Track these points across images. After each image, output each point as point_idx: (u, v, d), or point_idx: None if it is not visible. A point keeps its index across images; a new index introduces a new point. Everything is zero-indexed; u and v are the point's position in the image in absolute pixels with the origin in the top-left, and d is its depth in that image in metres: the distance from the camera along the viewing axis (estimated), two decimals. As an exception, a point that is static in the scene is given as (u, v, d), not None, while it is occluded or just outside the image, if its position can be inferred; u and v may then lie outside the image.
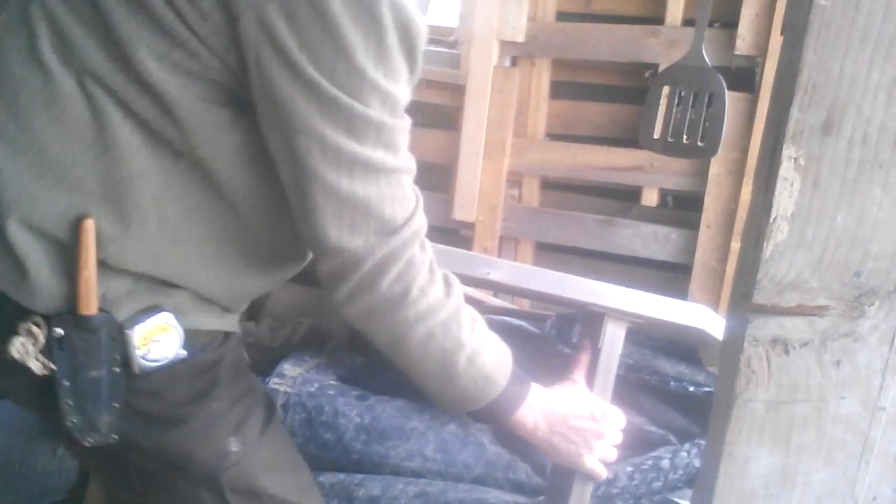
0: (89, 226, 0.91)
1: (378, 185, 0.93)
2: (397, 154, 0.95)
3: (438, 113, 2.98)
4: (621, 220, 2.80)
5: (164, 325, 0.97)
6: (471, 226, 2.95)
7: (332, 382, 1.57)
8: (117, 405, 0.97)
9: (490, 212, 2.92)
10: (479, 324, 1.07)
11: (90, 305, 0.93)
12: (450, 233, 3.05)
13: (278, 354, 1.64)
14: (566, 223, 2.87)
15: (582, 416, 1.19)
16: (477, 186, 2.91)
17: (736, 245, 2.57)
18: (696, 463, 1.49)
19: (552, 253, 2.97)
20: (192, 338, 1.00)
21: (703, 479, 0.87)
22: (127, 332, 0.95)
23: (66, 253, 0.93)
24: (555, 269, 2.93)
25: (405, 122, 0.96)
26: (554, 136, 2.91)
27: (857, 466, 0.80)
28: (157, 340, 0.96)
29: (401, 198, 0.96)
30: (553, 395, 1.19)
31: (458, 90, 2.89)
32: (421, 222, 1.00)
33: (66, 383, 0.94)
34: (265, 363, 1.59)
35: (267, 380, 1.56)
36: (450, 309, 1.03)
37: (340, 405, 1.49)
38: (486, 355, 1.06)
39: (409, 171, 0.98)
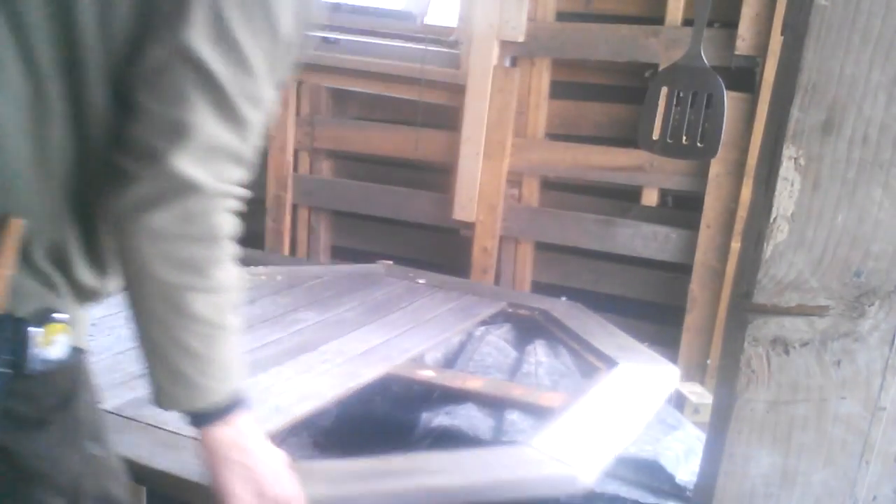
0: (15, 227, 0.90)
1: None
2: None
3: (438, 113, 2.99)
4: (621, 220, 2.80)
5: (61, 325, 0.96)
6: (471, 226, 2.95)
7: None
8: None
9: (490, 212, 2.92)
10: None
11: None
12: (450, 233, 3.05)
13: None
14: (566, 223, 2.87)
15: (269, 469, 1.08)
16: (477, 186, 2.91)
17: (736, 245, 2.57)
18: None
19: (552, 253, 2.97)
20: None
21: (703, 479, 0.87)
22: (28, 329, 0.93)
23: None
24: (554, 270, 2.96)
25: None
26: (554, 136, 2.91)
27: (858, 466, 0.80)
28: (55, 342, 0.96)
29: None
30: (265, 438, 1.11)
31: (458, 90, 2.89)
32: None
33: None
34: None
35: None
36: (234, 291, 0.99)
37: None
38: (239, 350, 1.03)
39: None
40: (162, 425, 1.47)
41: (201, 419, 1.04)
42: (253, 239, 3.32)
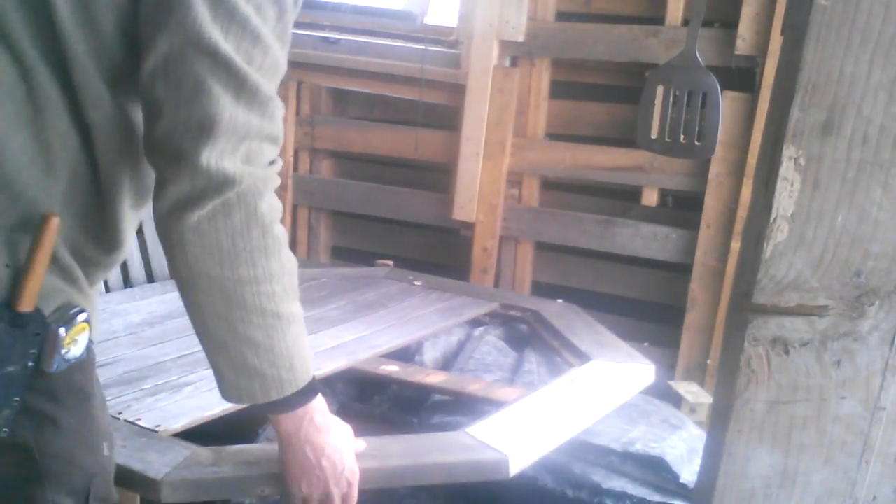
0: (54, 224, 0.89)
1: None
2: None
3: (438, 113, 2.99)
4: (621, 220, 2.80)
5: (84, 325, 0.95)
6: (471, 226, 2.95)
7: None
8: (17, 400, 0.93)
9: (490, 212, 2.92)
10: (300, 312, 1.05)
11: (30, 302, 0.89)
12: (450, 233, 3.05)
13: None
14: (566, 223, 2.87)
15: (336, 468, 1.14)
16: (477, 186, 2.91)
17: (736, 245, 2.57)
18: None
19: (552, 253, 2.97)
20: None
21: (703, 479, 0.87)
22: (57, 330, 0.92)
23: (17, 245, 0.90)
24: (554, 270, 2.96)
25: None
26: (554, 136, 2.91)
27: (858, 466, 0.80)
28: (77, 340, 0.95)
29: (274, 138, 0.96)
30: (333, 422, 1.15)
31: (458, 90, 2.89)
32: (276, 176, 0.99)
33: None
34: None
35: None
36: (291, 271, 1.00)
37: None
38: (305, 339, 1.05)
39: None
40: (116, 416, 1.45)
41: (276, 409, 1.06)
42: (253, 239, 3.31)
